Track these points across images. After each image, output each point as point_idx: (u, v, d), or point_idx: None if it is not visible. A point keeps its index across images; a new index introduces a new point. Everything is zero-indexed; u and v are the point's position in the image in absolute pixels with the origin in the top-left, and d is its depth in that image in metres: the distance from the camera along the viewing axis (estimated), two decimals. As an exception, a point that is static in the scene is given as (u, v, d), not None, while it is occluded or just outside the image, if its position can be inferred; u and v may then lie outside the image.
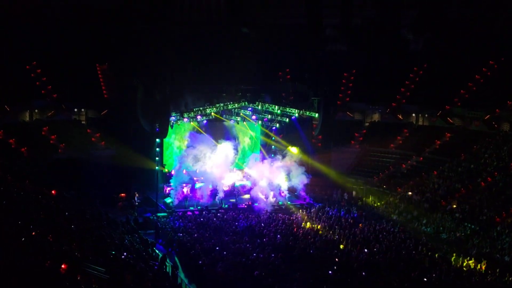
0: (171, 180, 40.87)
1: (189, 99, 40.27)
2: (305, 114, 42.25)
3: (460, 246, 30.57)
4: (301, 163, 41.19)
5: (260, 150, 46.95)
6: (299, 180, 39.99)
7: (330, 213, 35.57)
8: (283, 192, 40.36)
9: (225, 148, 41.38)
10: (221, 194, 39.41)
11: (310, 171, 42.56)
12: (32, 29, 45.68)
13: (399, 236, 30.79)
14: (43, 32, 46.05)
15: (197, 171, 41.93)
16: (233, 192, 40.70)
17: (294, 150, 41.35)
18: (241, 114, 43.85)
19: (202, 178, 41.42)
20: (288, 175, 40.43)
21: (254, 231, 29.68)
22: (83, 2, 49.56)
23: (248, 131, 46.32)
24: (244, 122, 45.39)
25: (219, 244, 26.03)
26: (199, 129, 43.05)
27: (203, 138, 42.01)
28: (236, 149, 42.93)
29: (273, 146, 47.09)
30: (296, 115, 42.48)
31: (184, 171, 42.11)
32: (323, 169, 43.75)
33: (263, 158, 45.01)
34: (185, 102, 39.96)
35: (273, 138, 47.03)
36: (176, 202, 38.34)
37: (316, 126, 43.70)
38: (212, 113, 40.90)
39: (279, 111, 42.10)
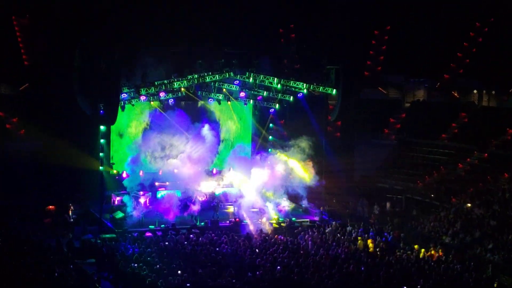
0: (124, 184, 41.34)
1: (149, 69, 39.85)
2: (317, 90, 42.20)
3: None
4: (310, 161, 41.90)
5: (253, 141, 47.55)
6: (303, 183, 40.92)
7: (354, 235, 35.76)
8: (281, 204, 40.96)
9: (202, 139, 41.69)
10: (195, 207, 39.62)
11: (324, 173, 42.70)
12: None
13: (453, 267, 30.33)
14: None
15: (160, 173, 42.38)
16: (212, 203, 40.72)
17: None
18: (224, 90, 43.70)
19: (167, 183, 41.89)
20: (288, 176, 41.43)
21: (242, 260, 29.59)
22: None
23: (233, 115, 46.44)
24: (229, 102, 45.30)
25: (191, 279, 25.86)
26: (163, 112, 43.18)
27: (169, 124, 42.16)
28: (217, 139, 43.50)
29: (270, 137, 47.29)
30: (305, 91, 42.46)
31: (141, 173, 42.17)
32: (343, 171, 44.30)
33: (257, 152, 45.53)
34: (142, 73, 39.57)
35: (270, 126, 47.11)
36: (131, 217, 38.33)
37: (334, 107, 43.36)
38: (182, 89, 40.79)
39: (279, 86, 42.12)
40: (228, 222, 38.88)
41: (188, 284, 25.34)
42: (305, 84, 41.89)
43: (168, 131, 41.76)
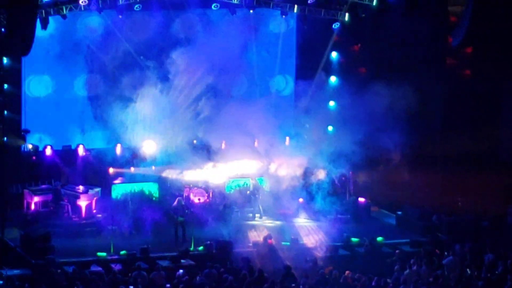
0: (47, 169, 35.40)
1: None
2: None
3: None
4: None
5: (297, 81, 38.60)
6: None
7: (500, 269, 27.30)
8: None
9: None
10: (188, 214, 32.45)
11: (438, 145, 34.19)
12: None
13: None
14: None
15: (118, 150, 35.00)
16: (221, 209, 33.23)
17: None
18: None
19: (132, 169, 34.72)
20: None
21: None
22: None
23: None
24: (251, 10, 35.87)
25: None
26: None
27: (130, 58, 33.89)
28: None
29: (331, 78, 37.82)
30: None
31: (82, 149, 34.82)
32: (475, 145, 33.36)
33: (302, 96, 37.70)
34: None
35: (332, 56, 37.90)
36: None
37: (460, 19, 33.39)
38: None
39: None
40: (251, 245, 30.72)
41: None
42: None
43: (128, 61, 33.17)
